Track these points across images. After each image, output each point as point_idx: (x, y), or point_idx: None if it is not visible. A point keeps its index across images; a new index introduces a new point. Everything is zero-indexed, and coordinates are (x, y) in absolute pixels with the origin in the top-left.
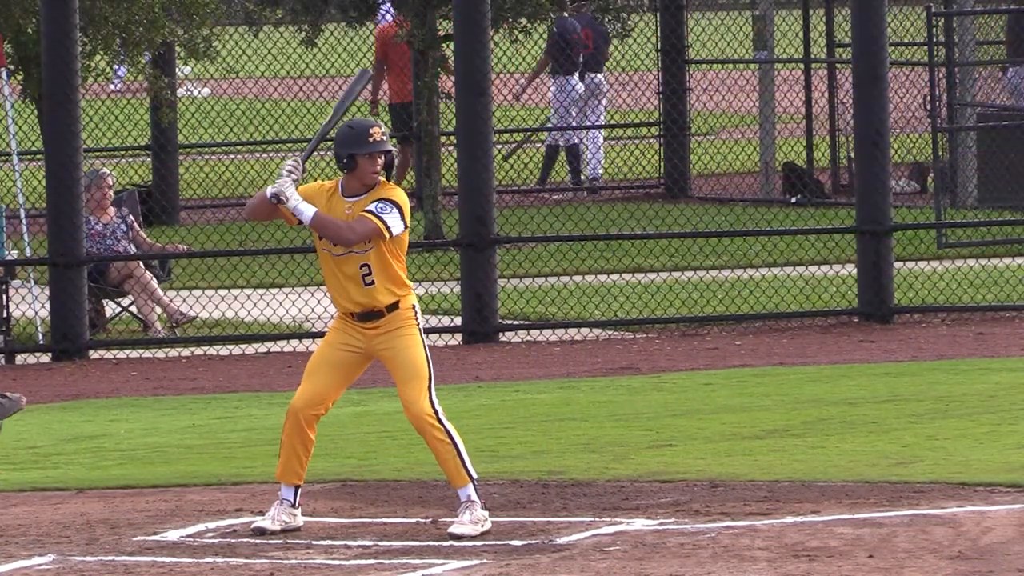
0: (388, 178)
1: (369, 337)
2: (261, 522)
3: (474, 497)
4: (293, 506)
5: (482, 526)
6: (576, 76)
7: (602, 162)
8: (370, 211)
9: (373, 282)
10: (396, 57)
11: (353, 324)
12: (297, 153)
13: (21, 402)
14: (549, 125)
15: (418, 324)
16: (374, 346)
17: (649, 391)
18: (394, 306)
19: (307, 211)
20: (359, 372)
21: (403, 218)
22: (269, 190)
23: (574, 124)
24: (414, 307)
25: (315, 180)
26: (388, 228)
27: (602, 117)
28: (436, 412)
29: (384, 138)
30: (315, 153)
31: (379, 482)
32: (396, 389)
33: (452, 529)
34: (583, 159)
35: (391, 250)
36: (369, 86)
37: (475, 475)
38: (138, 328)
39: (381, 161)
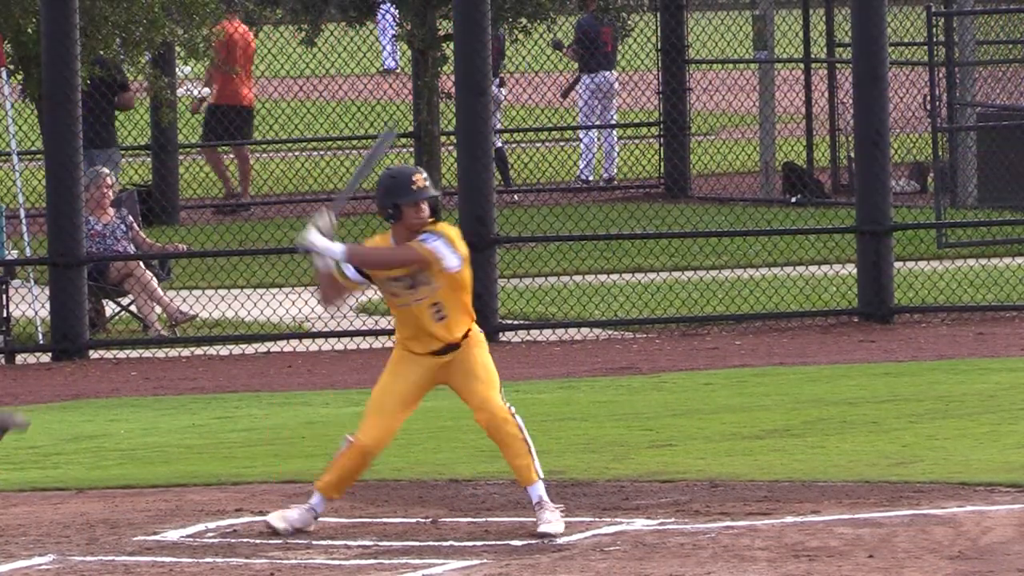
0: (436, 220)
1: (443, 365)
2: (276, 522)
3: (545, 496)
4: (317, 517)
5: (561, 519)
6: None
7: (616, 162)
8: (410, 244)
9: (445, 316)
10: (230, 59)
11: (425, 356)
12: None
13: (22, 424)
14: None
15: (483, 340)
16: (450, 372)
17: (649, 391)
18: (467, 334)
19: (337, 249)
20: (422, 399)
21: (454, 248)
22: (297, 244)
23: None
24: (479, 329)
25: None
26: (432, 251)
27: (614, 116)
28: (510, 408)
29: (427, 184)
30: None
31: (379, 482)
32: (461, 398)
33: (541, 528)
34: (584, 157)
35: (454, 283)
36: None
37: (543, 475)
38: (138, 328)
39: (426, 207)
